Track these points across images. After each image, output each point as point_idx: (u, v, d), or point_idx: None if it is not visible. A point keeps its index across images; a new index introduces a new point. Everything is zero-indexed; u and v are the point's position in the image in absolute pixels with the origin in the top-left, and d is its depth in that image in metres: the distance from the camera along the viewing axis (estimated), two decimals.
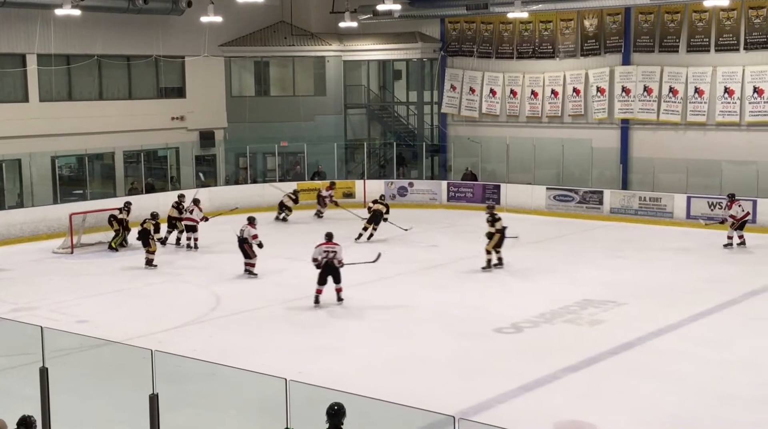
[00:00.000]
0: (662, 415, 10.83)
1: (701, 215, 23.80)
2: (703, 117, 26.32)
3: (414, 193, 29.92)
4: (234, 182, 30.68)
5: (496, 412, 10.78)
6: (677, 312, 15.54)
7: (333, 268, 16.08)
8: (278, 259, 20.38)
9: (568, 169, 28.38)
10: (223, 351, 13.24)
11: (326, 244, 16.17)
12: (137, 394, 7.94)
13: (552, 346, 13.71)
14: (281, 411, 5.71)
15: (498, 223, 19.62)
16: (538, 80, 29.71)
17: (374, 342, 14.07)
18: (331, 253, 16.03)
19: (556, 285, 17.90)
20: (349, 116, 33.53)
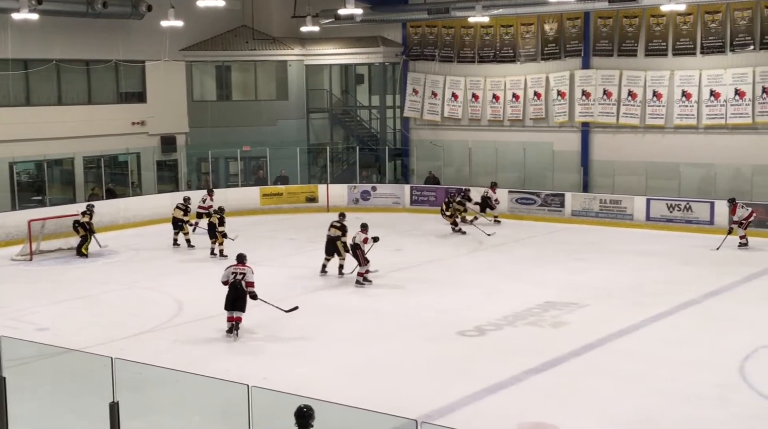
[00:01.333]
0: (624, 415, 10.94)
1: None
2: (662, 120, 26.65)
3: (377, 197, 29.94)
4: (196, 187, 30.46)
5: (461, 415, 10.82)
6: (638, 313, 15.71)
7: (238, 292, 14.54)
8: None
9: (529, 172, 28.58)
10: (186, 358, 13.13)
11: (236, 265, 14.80)
12: (98, 402, 7.86)
13: (515, 349, 13.78)
14: (244, 417, 5.69)
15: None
16: (499, 84, 29.89)
17: (339, 347, 14.04)
18: (239, 275, 14.64)
19: (518, 287, 18.01)
20: (311, 120, 33.48)
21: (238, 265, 14.82)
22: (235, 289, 14.57)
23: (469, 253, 22.01)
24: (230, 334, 14.50)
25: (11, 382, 6.80)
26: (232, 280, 14.62)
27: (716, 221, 24.33)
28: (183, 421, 10.09)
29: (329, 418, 8.19)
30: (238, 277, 14.60)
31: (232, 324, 14.56)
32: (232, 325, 14.55)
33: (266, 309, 15.48)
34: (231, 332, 14.53)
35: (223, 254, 21.28)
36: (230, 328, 14.57)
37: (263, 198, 29.41)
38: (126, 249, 22.95)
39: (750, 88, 25.03)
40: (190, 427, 10.03)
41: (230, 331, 14.56)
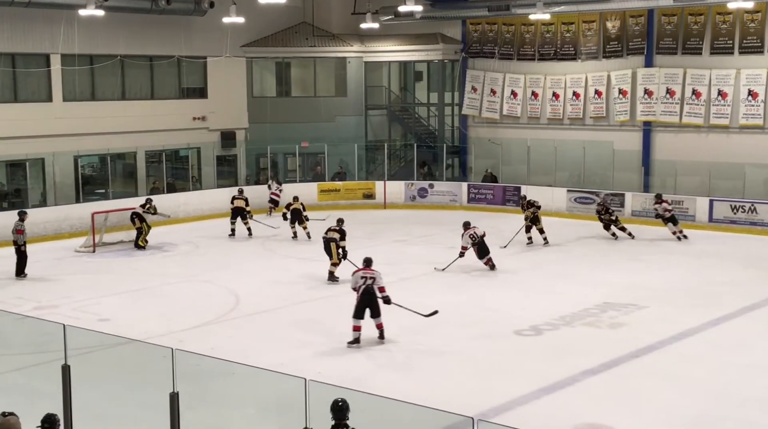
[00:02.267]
0: (681, 418, 10.78)
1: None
2: (727, 120, 26.14)
3: (434, 194, 29.89)
4: (254, 183, 30.78)
5: (515, 414, 10.76)
6: (698, 316, 15.45)
7: (371, 296, 13.78)
8: (292, 259, 20.43)
9: (589, 172, 28.27)
10: (242, 351, 13.27)
11: (365, 269, 14.07)
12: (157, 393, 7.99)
13: (572, 349, 13.66)
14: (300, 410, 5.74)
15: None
16: (559, 82, 29.62)
17: (392, 343, 14.05)
18: (369, 280, 13.84)
19: (576, 287, 17.83)
20: (369, 117, 33.55)
21: (366, 269, 14.01)
22: (368, 295, 13.73)
23: (525, 252, 21.84)
24: (353, 345, 13.58)
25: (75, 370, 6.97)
26: (362, 285, 13.77)
27: None
28: (239, 413, 10.22)
29: (384, 413, 8.22)
30: (368, 282, 13.75)
31: (358, 334, 13.63)
32: (358, 336, 13.62)
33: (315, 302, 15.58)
34: (356, 342, 13.59)
35: (310, 236, 22.48)
36: (356, 339, 13.61)
37: (321, 194, 29.58)
38: (185, 242, 23.28)
39: None
40: (246, 419, 10.14)
41: (356, 341, 13.60)
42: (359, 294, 13.77)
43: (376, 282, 13.78)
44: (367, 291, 13.72)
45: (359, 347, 13.52)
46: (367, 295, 13.71)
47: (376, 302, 13.78)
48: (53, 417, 7.52)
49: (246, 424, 10.07)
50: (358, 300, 13.74)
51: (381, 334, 13.84)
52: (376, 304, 13.77)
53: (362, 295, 13.71)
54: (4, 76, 25.52)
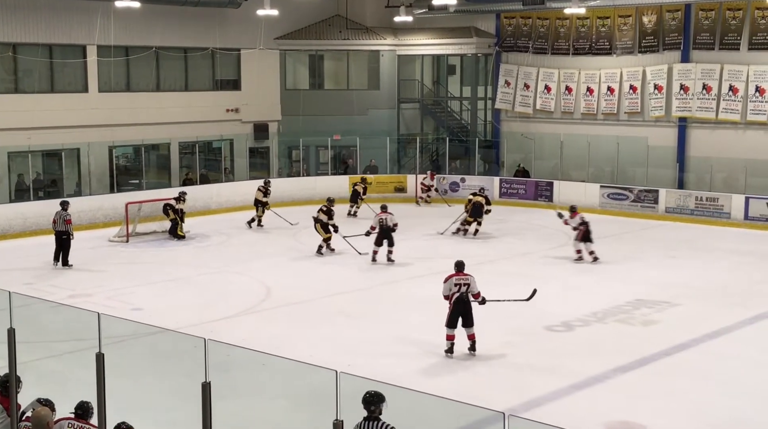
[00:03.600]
0: (715, 417, 10.67)
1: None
2: (764, 116, 25.79)
3: (466, 188, 29.78)
4: (287, 175, 30.88)
5: (547, 411, 10.71)
6: (732, 314, 15.28)
7: (465, 306, 12.81)
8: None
9: (622, 167, 28.04)
10: (273, 342, 13.33)
11: (456, 275, 12.92)
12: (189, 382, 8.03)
13: (604, 346, 13.57)
14: (331, 403, 5.74)
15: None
16: (594, 77, 29.39)
17: (422, 336, 14.03)
18: (464, 287, 12.83)
19: (609, 284, 17.70)
20: (402, 111, 33.52)
21: (459, 274, 12.87)
22: (462, 303, 12.71)
23: (557, 248, 21.72)
24: (449, 354, 12.75)
25: (108, 358, 7.03)
26: (456, 292, 12.72)
27: None
28: (270, 405, 10.26)
29: (414, 407, 8.21)
30: (463, 289, 12.75)
31: (452, 343, 12.76)
32: (452, 345, 12.76)
33: (349, 298, 15.57)
34: (450, 352, 12.75)
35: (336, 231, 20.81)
36: (450, 348, 12.76)
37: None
38: (217, 234, 23.43)
39: None
40: (277, 410, 10.18)
41: (450, 350, 12.76)
42: (452, 302, 12.73)
43: (470, 289, 12.76)
44: (461, 299, 12.70)
45: (451, 357, 12.73)
46: (461, 304, 12.69)
47: (470, 310, 12.73)
48: (87, 404, 7.58)
49: (277, 415, 10.12)
50: (451, 309, 12.70)
51: (473, 345, 12.76)
52: (469, 312, 12.73)
53: (455, 304, 12.69)
54: (41, 67, 25.80)
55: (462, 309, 12.69)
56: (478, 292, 12.86)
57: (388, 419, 7.31)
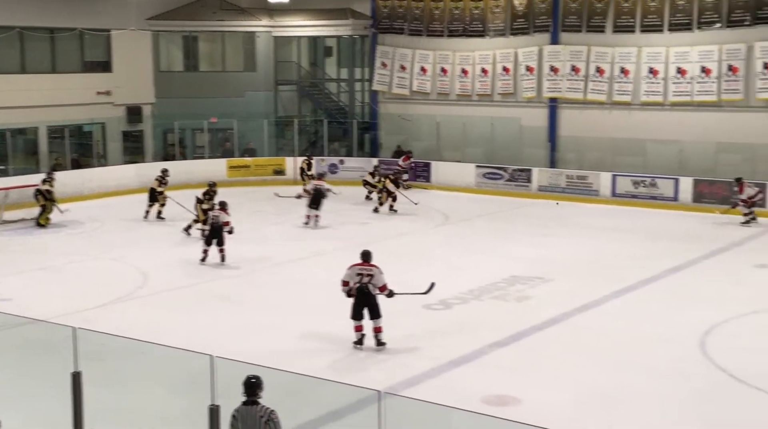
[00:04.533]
0: (587, 388, 11.07)
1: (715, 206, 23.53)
2: (629, 97, 26.80)
3: (345, 170, 29.88)
4: (162, 159, 30.21)
5: (425, 388, 10.88)
6: (602, 288, 15.87)
7: (367, 298, 12.44)
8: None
9: (497, 147, 28.67)
10: (150, 329, 13.06)
11: (360, 265, 12.53)
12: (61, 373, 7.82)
13: (480, 323, 13.88)
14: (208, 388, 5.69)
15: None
16: (468, 59, 29.87)
17: (300, 319, 14.03)
18: (366, 278, 12.47)
19: (484, 262, 18.10)
20: (279, 93, 33.27)
21: (363, 264, 12.48)
22: (364, 295, 12.36)
23: (435, 228, 22.07)
24: (358, 346, 12.48)
25: None
26: (357, 282, 12.38)
27: (680, 198, 24.64)
28: (146, 392, 10.07)
29: (294, 389, 8.22)
30: (365, 280, 12.37)
31: (361, 334, 12.48)
32: (361, 336, 12.48)
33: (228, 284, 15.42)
34: (360, 343, 12.48)
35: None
36: (359, 340, 12.49)
37: (230, 170, 29.26)
38: (91, 220, 22.75)
39: (716, 66, 25.21)
40: (153, 397, 10.00)
41: (359, 342, 12.49)
42: (355, 293, 12.40)
43: (374, 280, 12.33)
44: (361, 291, 12.35)
45: (361, 348, 12.47)
46: (362, 296, 12.35)
47: (375, 302, 12.36)
48: None
49: (154, 402, 9.94)
50: (354, 300, 12.40)
51: (378, 340, 12.43)
52: (374, 304, 12.37)
53: (357, 296, 12.36)
54: None
55: (364, 300, 12.37)
56: (384, 285, 12.41)
57: (268, 402, 7.29)
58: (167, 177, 23.24)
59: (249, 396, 7.32)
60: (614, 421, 9.88)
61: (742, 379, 11.30)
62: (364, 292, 12.34)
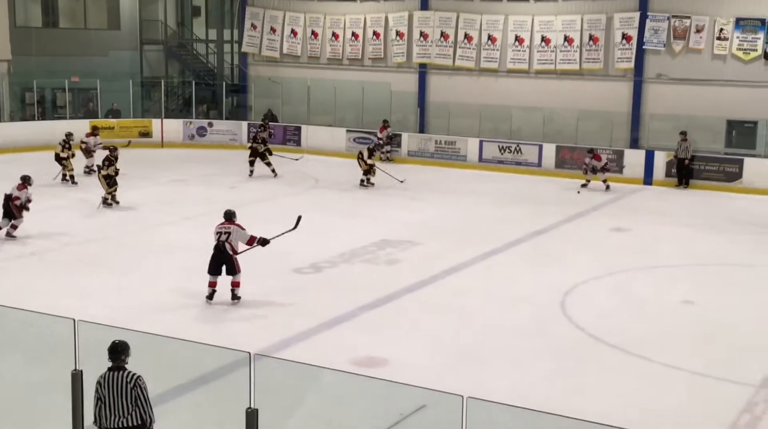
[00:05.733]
0: (454, 348, 11.35)
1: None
2: (496, 64, 27.35)
3: (214, 133, 29.39)
4: (20, 119, 28.89)
5: (295, 350, 10.91)
6: (469, 251, 16.24)
7: (224, 255, 12.71)
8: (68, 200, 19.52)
9: (368, 112, 28.77)
10: (7, 296, 12.55)
11: (222, 223, 12.87)
12: None
13: (350, 286, 13.99)
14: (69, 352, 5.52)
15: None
16: (339, 22, 29.76)
17: (170, 281, 13.79)
18: (224, 235, 12.73)
19: (354, 226, 18.22)
20: (145, 53, 32.33)
21: (223, 223, 12.83)
22: (219, 251, 12.65)
23: (304, 192, 22.03)
24: (209, 300, 12.71)
25: None
26: (216, 239, 12.72)
27: (543, 164, 25.41)
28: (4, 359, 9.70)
29: (161, 352, 8.09)
30: (222, 238, 12.65)
31: (213, 290, 12.74)
32: (213, 292, 12.74)
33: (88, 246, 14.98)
34: (210, 298, 12.73)
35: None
36: (210, 294, 12.74)
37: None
38: None
39: (578, 36, 26.04)
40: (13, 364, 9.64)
41: (210, 297, 12.74)
42: (213, 249, 12.73)
43: (231, 237, 12.62)
44: (217, 247, 12.68)
45: (211, 303, 12.68)
46: (217, 252, 12.66)
47: (230, 259, 12.66)
48: None
49: (13, 369, 9.58)
50: (211, 256, 12.74)
51: (233, 294, 12.79)
52: (230, 261, 12.67)
53: (213, 252, 12.72)
54: None
55: (220, 257, 12.65)
56: (251, 238, 12.74)
57: (134, 368, 7.15)
58: (71, 141, 22.23)
59: (114, 361, 7.15)
60: (480, 379, 10.17)
61: (598, 337, 11.83)
62: (220, 249, 12.68)
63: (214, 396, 9.19)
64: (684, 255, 16.60)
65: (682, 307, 13.34)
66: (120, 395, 7.06)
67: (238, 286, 12.80)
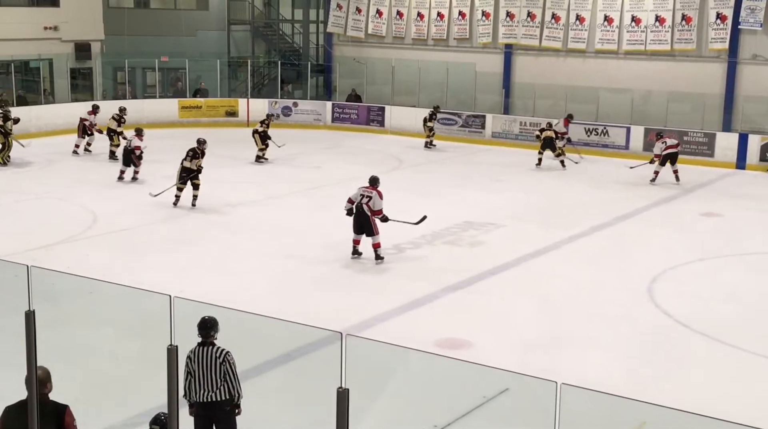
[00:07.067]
0: (537, 332, 11.26)
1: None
2: (583, 44, 26.87)
3: (298, 113, 29.63)
4: (112, 98, 29.63)
5: (379, 330, 10.96)
6: (553, 234, 16.06)
7: (363, 216, 13.89)
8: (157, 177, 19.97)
9: (452, 93, 28.62)
10: (100, 270, 12.93)
11: (366, 187, 14.07)
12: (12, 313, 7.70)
13: (433, 267, 13.97)
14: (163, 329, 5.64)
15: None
16: (424, 2, 29.62)
17: (259, 260, 14.02)
18: (365, 199, 13.91)
19: (438, 207, 18.14)
20: (232, 33, 32.75)
21: (367, 187, 14.03)
22: (358, 213, 13.88)
23: (388, 172, 22.04)
24: (354, 256, 14.07)
25: None
26: (358, 200, 13.89)
27: (631, 146, 24.89)
28: (100, 333, 10.01)
29: (252, 329, 8.22)
30: (363, 201, 13.86)
31: (354, 247, 14.07)
32: (354, 248, 14.06)
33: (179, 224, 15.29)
34: (355, 253, 14.07)
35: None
36: (354, 251, 14.08)
37: (182, 110, 28.82)
38: (38, 159, 22.29)
39: (670, 15, 25.37)
40: (108, 337, 9.94)
41: (354, 252, 14.07)
42: (354, 210, 13.90)
43: (371, 202, 13.80)
44: (358, 208, 13.85)
45: (358, 258, 14.00)
46: (357, 214, 13.86)
47: (368, 222, 13.81)
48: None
49: (108, 343, 9.88)
50: (353, 217, 13.93)
51: (376, 254, 13.89)
52: (367, 223, 13.83)
53: (355, 213, 13.89)
54: None
55: (359, 218, 13.84)
56: (380, 209, 13.86)
57: (224, 344, 7.29)
58: (125, 115, 22.88)
59: (204, 337, 7.30)
60: (564, 363, 10.07)
61: (686, 324, 11.58)
62: (359, 210, 13.83)
63: (302, 374, 9.31)
64: None
65: None
66: (209, 370, 7.22)
67: (378, 246, 13.87)
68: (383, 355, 6.80)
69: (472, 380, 8.11)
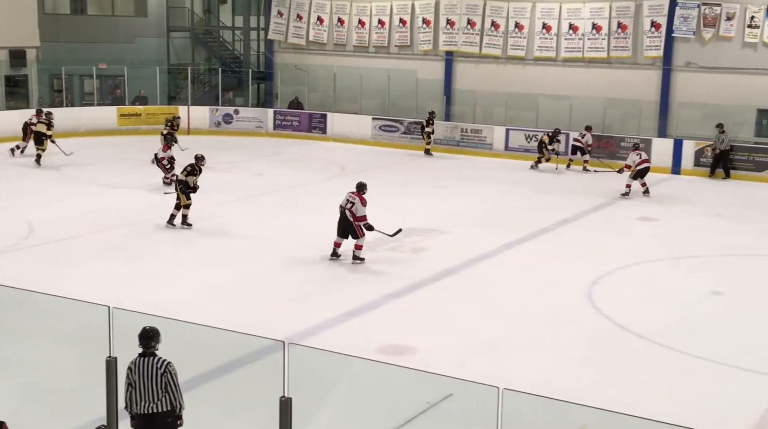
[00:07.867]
0: (479, 337, 11.33)
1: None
2: (522, 52, 27.20)
3: (240, 120, 29.46)
4: (48, 105, 29.10)
5: (322, 338, 10.92)
6: (495, 239, 16.20)
7: (346, 220, 14.34)
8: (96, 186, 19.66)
9: (393, 100, 28.73)
10: (38, 280, 12.67)
11: (353, 192, 14.52)
12: None
13: (376, 273, 13.99)
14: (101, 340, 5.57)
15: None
16: (365, 10, 29.70)
17: (201, 270, 13.89)
18: (348, 204, 14.35)
19: (380, 214, 18.12)
20: (172, 40, 32.42)
21: (354, 193, 14.48)
22: (342, 217, 14.34)
23: (330, 179, 22.05)
24: (333, 258, 14.43)
25: None
26: (343, 205, 14.40)
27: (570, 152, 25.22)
28: (37, 344, 9.81)
29: (194, 340, 8.14)
30: (347, 206, 14.32)
31: (336, 249, 14.43)
32: (334, 251, 14.43)
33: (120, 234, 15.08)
34: (333, 256, 14.44)
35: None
36: (333, 253, 14.44)
37: (121, 118, 28.45)
38: None
39: (606, 23, 25.83)
40: (46, 349, 9.75)
41: (333, 254, 14.44)
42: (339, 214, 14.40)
43: (353, 208, 14.22)
44: (342, 213, 14.35)
45: (336, 260, 14.38)
46: (342, 218, 14.34)
47: (351, 226, 14.27)
48: None
49: (47, 355, 9.69)
50: (338, 219, 14.40)
51: (355, 255, 14.33)
52: (350, 227, 14.30)
53: (340, 216, 14.38)
54: None
55: (342, 223, 14.32)
56: (363, 216, 14.26)
57: (165, 354, 7.21)
58: (52, 118, 22.81)
59: (145, 348, 7.21)
60: (507, 367, 10.16)
61: (625, 327, 11.77)
62: (343, 214, 14.33)
63: (245, 383, 9.25)
64: (713, 245, 16.47)
65: (710, 298, 13.25)
66: (150, 381, 7.12)
67: (359, 248, 14.33)
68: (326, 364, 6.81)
69: (416, 386, 8.14)
